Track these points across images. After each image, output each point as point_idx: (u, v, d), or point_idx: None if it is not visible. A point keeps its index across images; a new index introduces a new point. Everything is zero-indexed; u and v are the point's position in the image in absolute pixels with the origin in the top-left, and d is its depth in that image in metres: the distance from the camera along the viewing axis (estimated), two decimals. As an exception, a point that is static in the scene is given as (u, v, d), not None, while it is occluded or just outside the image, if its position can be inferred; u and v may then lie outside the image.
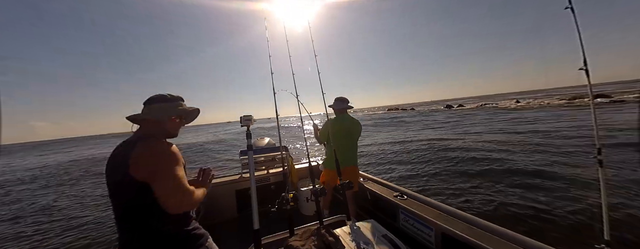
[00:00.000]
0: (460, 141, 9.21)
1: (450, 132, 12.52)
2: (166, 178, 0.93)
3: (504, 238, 1.36)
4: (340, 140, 2.39)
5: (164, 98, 1.11)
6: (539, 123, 12.62)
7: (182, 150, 1.06)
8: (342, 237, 1.43)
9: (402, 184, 4.28)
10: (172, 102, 1.12)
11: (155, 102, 1.08)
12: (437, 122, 18.39)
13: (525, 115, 17.36)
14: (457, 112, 28.27)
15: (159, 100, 1.09)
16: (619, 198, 3.57)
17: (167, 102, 1.11)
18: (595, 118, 1.43)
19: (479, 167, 5.73)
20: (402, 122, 20.69)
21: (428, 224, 1.70)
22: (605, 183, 1.39)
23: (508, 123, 13.89)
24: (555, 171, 4.95)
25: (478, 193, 4.26)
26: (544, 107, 22.75)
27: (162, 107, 1.08)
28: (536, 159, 6.00)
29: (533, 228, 3.08)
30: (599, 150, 1.41)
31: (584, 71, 1.41)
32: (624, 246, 2.57)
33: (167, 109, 1.09)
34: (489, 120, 16.68)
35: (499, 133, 10.61)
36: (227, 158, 11.95)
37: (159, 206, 0.92)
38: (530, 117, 15.60)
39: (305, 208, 2.93)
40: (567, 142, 7.52)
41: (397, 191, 2.19)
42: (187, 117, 1.23)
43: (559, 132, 9.33)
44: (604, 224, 1.36)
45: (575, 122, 11.35)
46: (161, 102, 1.09)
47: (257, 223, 1.39)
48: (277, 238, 1.65)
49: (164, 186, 0.92)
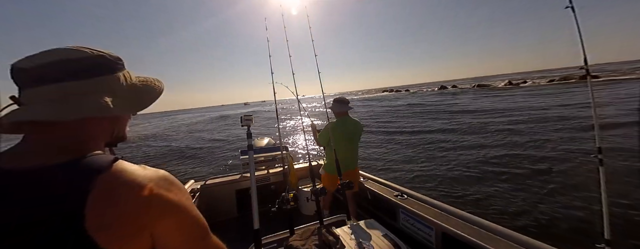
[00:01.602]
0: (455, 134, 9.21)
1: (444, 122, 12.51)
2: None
3: (504, 237, 1.36)
4: (342, 145, 2.32)
5: (93, 64, 0.48)
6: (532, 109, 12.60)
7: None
8: (343, 237, 1.43)
9: (402, 182, 4.27)
10: (110, 71, 0.51)
11: (66, 77, 0.45)
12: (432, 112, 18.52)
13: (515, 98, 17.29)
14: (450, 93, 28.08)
15: (76, 72, 0.46)
16: (619, 198, 3.57)
17: (99, 75, 0.49)
18: (595, 117, 1.43)
19: (476, 164, 5.73)
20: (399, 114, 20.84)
21: (428, 224, 1.70)
22: (605, 182, 1.39)
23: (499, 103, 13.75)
24: (555, 170, 4.95)
25: (477, 193, 4.26)
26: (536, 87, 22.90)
27: (92, 88, 0.47)
28: (534, 156, 6.00)
29: (533, 227, 3.08)
30: (599, 149, 1.41)
31: (585, 71, 1.41)
32: (624, 245, 2.57)
33: (104, 92, 0.49)
34: (479, 100, 16.59)
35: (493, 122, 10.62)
36: (226, 158, 11.96)
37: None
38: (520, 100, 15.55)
39: (306, 208, 2.93)
40: (564, 134, 7.52)
41: (397, 190, 2.19)
42: (141, 104, 0.56)
43: (550, 112, 9.28)
44: (605, 224, 1.36)
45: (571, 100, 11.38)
46: (85, 77, 0.47)
47: (257, 223, 1.39)
48: (277, 237, 1.65)
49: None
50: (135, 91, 0.55)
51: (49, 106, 0.43)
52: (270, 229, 1.74)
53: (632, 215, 3.11)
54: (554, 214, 3.33)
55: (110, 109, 0.47)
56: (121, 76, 0.53)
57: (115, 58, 0.52)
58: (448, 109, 15.68)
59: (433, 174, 5.39)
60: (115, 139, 0.57)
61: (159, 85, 0.61)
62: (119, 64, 0.53)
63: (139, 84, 0.57)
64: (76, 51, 0.47)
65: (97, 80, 0.48)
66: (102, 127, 0.52)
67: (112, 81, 0.50)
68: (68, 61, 0.45)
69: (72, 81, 0.45)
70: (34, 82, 0.44)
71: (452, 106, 17.19)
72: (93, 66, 0.48)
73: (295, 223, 1.63)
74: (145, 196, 0.42)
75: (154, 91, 0.59)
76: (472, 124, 10.31)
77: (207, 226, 0.54)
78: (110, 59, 0.51)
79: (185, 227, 0.48)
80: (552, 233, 2.94)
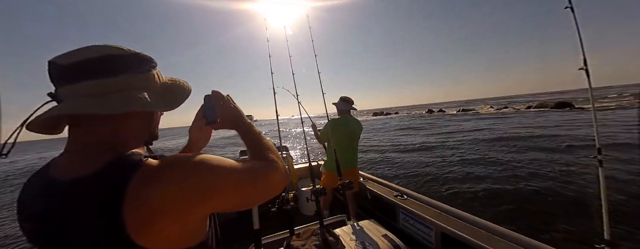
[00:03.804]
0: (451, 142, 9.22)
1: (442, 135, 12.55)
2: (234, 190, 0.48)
3: (504, 237, 1.36)
4: (343, 142, 2.38)
5: (130, 62, 0.49)
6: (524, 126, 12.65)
7: None
8: (343, 237, 1.44)
9: (401, 182, 4.28)
10: (143, 70, 0.51)
11: (106, 73, 0.46)
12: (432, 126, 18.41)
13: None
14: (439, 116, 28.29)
15: (114, 69, 0.47)
16: (619, 198, 3.57)
17: (137, 73, 0.49)
18: (595, 118, 1.44)
19: (476, 168, 5.73)
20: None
21: (428, 224, 1.70)
22: (605, 183, 1.39)
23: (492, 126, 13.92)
24: (555, 170, 4.95)
25: (477, 193, 4.26)
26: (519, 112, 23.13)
27: (130, 85, 0.48)
28: (534, 158, 6.00)
29: (533, 228, 3.08)
30: (599, 150, 1.41)
31: (584, 71, 1.41)
32: (624, 245, 2.57)
33: (142, 88, 0.50)
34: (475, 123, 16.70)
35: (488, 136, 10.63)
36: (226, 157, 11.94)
37: None
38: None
39: (306, 208, 2.93)
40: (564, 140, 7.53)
41: (397, 191, 2.20)
42: (175, 102, 0.55)
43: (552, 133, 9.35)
44: (604, 224, 1.36)
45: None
46: (123, 73, 0.47)
47: (257, 223, 1.39)
48: (277, 238, 1.65)
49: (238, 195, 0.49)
50: (168, 89, 0.56)
51: (90, 101, 0.43)
52: (270, 229, 1.75)
53: (633, 215, 3.11)
54: (553, 215, 3.33)
55: (151, 105, 0.48)
56: (155, 74, 0.53)
57: (149, 57, 0.53)
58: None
59: (432, 173, 5.40)
60: (151, 137, 0.57)
61: (188, 85, 0.60)
62: (152, 62, 0.53)
63: (169, 83, 0.57)
64: (113, 48, 0.47)
65: (135, 77, 0.49)
66: (141, 124, 0.52)
67: (148, 78, 0.51)
68: (105, 58, 0.46)
69: (112, 78, 0.46)
70: (73, 78, 0.44)
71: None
72: (130, 63, 0.48)
73: (295, 223, 1.63)
74: (158, 188, 0.39)
75: (184, 90, 0.58)
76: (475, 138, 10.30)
77: (247, 169, 0.50)
78: (145, 57, 0.52)
79: (224, 189, 0.46)
80: (551, 233, 2.94)
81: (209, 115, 0.67)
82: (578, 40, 1.39)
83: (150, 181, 0.38)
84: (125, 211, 0.36)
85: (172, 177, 0.40)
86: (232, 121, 0.69)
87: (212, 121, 0.68)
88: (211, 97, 0.68)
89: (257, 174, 0.52)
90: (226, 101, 0.70)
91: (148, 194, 0.38)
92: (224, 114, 0.69)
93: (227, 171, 0.47)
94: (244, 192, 0.50)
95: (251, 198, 0.52)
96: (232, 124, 0.70)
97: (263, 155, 0.61)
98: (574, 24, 1.40)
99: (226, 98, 0.70)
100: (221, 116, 0.69)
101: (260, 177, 0.52)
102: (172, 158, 0.44)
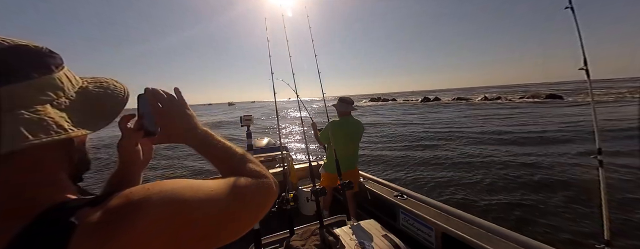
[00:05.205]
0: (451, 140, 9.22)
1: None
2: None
3: (504, 237, 1.36)
4: (343, 144, 2.34)
5: (12, 62, 0.28)
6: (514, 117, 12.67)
7: None
8: (342, 237, 1.43)
9: (402, 183, 4.27)
10: (43, 71, 0.31)
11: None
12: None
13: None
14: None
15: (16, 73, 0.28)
16: (619, 198, 3.57)
17: (26, 78, 0.29)
18: (595, 118, 1.43)
19: (475, 166, 5.73)
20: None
21: (428, 224, 1.70)
22: (605, 183, 1.39)
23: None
24: (555, 171, 4.95)
25: (476, 193, 4.26)
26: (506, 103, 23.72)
27: (13, 101, 0.27)
28: (533, 156, 6.00)
29: (533, 228, 3.08)
30: (599, 150, 1.41)
31: (584, 71, 1.41)
32: (624, 246, 2.57)
33: (37, 103, 0.30)
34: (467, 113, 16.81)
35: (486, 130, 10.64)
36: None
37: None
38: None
39: (305, 208, 2.93)
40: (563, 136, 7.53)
41: (397, 191, 2.19)
42: (102, 116, 0.37)
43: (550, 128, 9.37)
44: (604, 224, 1.36)
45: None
46: (16, 81, 0.28)
47: (257, 223, 1.39)
48: (277, 237, 1.65)
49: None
50: (88, 98, 0.36)
51: None
52: (270, 229, 1.75)
53: (633, 215, 3.11)
54: (553, 215, 3.33)
55: (58, 130, 0.29)
56: (62, 76, 0.34)
57: (46, 51, 0.33)
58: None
59: (432, 172, 5.40)
60: (78, 168, 0.38)
61: (121, 87, 0.41)
62: (53, 58, 0.33)
63: (91, 88, 0.38)
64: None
65: (26, 86, 0.29)
66: (54, 157, 0.33)
67: (48, 85, 0.31)
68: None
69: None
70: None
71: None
72: (12, 64, 0.28)
73: (295, 223, 1.63)
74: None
75: (115, 98, 0.39)
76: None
77: (216, 190, 0.35)
78: (39, 51, 0.32)
79: (210, 227, 0.33)
80: (551, 233, 2.94)
81: (147, 124, 0.46)
82: (578, 40, 1.39)
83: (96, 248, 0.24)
84: None
85: (133, 233, 0.26)
86: (178, 131, 0.46)
87: (151, 132, 0.47)
88: (146, 97, 0.46)
89: (244, 194, 0.39)
90: (167, 102, 0.46)
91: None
92: (166, 123, 0.46)
93: (208, 200, 0.33)
94: (238, 223, 0.38)
95: (244, 225, 0.39)
96: (178, 136, 0.47)
97: (240, 170, 0.44)
98: (574, 24, 1.40)
99: (167, 97, 0.46)
100: (161, 125, 0.47)
101: (250, 198, 0.40)
102: (121, 201, 0.28)
